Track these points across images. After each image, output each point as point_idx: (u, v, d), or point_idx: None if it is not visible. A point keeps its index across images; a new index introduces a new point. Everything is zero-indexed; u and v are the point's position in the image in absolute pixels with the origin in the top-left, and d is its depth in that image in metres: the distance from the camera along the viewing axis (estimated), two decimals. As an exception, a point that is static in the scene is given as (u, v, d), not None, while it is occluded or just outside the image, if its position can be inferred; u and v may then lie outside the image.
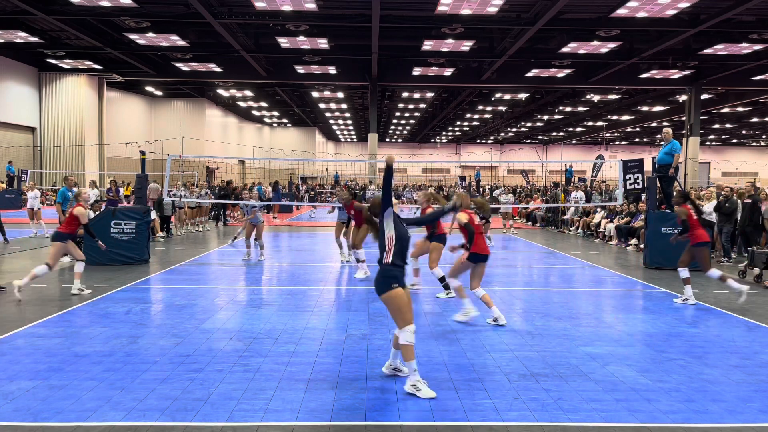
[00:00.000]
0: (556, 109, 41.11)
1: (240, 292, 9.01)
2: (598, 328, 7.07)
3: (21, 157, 29.55)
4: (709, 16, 18.38)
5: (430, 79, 27.82)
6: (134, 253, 11.43)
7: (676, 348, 6.24)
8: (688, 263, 8.55)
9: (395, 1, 18.32)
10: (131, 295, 8.57)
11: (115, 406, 4.47)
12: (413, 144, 66.68)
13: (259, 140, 51.29)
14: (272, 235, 18.34)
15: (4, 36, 22.98)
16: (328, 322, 7.20)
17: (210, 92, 38.27)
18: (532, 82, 28.11)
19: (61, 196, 12.62)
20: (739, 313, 7.94)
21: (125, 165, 33.33)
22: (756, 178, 54.57)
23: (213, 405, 4.54)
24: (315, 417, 4.35)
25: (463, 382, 5.12)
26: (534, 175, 60.01)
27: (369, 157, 29.45)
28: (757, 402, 4.77)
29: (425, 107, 41.55)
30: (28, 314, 7.34)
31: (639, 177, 12.94)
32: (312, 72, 27.62)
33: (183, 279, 10.09)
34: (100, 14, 19.51)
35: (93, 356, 5.67)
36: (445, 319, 7.40)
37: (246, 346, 6.08)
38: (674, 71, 26.26)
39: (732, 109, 38.65)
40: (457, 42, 21.90)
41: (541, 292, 9.36)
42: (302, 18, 19.30)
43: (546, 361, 5.73)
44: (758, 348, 6.31)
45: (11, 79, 28.18)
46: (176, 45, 23.27)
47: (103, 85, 31.86)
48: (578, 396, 4.83)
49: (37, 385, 4.88)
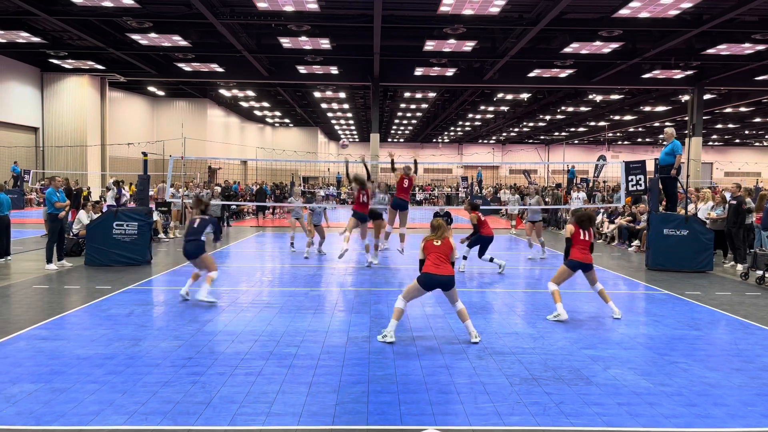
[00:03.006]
0: (558, 110, 41.06)
1: (241, 294, 9.02)
2: (600, 330, 7.07)
3: (24, 157, 29.60)
4: (712, 17, 18.34)
5: (432, 79, 27.81)
6: (136, 254, 11.45)
7: (678, 351, 6.23)
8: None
9: (397, 2, 18.31)
10: (133, 297, 8.58)
11: (117, 410, 4.48)
12: (415, 144, 66.65)
13: (261, 140, 51.31)
14: (273, 236, 18.35)
15: (6, 36, 23.02)
16: (330, 324, 7.20)
17: (212, 92, 38.29)
18: (535, 82, 28.08)
19: (48, 197, 11.24)
20: (742, 315, 7.92)
21: (127, 165, 33.35)
22: (759, 178, 54.53)
23: (215, 408, 4.54)
24: (317, 420, 4.36)
25: (464, 385, 5.12)
26: (536, 175, 59.99)
27: (371, 158, 29.45)
28: (759, 406, 4.76)
29: (427, 107, 41.53)
30: (31, 316, 7.35)
31: (641, 178, 12.91)
32: (314, 72, 27.63)
33: (185, 280, 10.07)
34: (102, 15, 19.53)
35: (95, 359, 5.68)
36: (446, 319, 7.39)
37: (248, 349, 6.08)
38: (677, 71, 26.21)
39: (735, 110, 38.57)
40: (459, 42, 21.88)
41: (543, 294, 9.34)
42: (304, 18, 19.30)
43: (547, 364, 5.72)
44: (760, 351, 6.29)
45: (14, 79, 28.22)
46: (178, 45, 23.30)
47: (106, 85, 31.90)
48: (580, 400, 4.82)
49: (39, 388, 4.89)
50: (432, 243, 6.58)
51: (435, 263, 6.45)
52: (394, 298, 8.64)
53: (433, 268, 6.43)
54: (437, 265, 6.44)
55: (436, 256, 6.49)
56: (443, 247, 6.55)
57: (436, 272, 6.41)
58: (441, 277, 6.41)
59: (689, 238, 11.54)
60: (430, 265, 6.47)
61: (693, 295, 9.21)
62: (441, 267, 6.44)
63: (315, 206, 13.49)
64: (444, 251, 6.52)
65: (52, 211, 11.04)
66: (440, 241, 6.58)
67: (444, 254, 6.51)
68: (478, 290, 9.65)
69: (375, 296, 8.95)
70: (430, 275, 6.41)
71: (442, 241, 6.58)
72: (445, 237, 6.62)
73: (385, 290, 9.47)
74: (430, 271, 6.43)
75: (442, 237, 6.61)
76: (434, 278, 6.41)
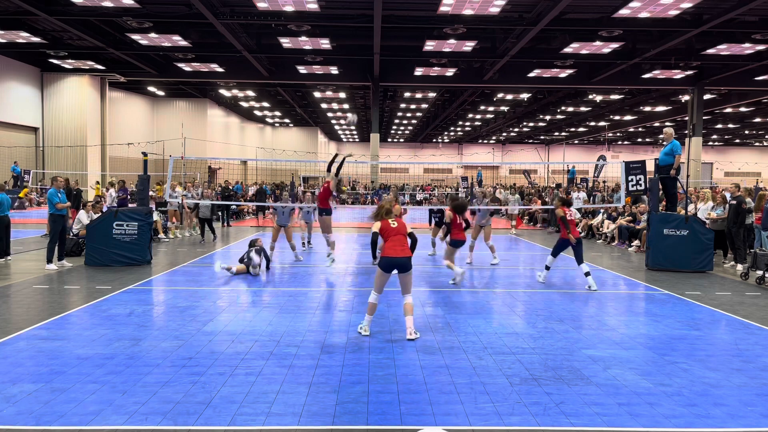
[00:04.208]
0: (558, 110, 41.08)
1: (242, 294, 9.02)
2: (600, 330, 7.06)
3: (24, 157, 29.60)
4: (712, 17, 18.36)
5: (432, 79, 27.82)
6: (136, 254, 11.45)
7: (678, 351, 6.23)
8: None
9: (397, 2, 18.32)
10: (133, 297, 8.58)
11: (117, 410, 4.48)
12: (415, 144, 66.67)
13: (261, 140, 51.32)
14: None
15: (6, 36, 23.03)
16: (330, 324, 7.20)
17: (212, 92, 38.31)
18: (535, 82, 28.10)
19: (49, 198, 11.15)
20: (742, 316, 7.92)
21: (128, 165, 33.36)
22: (759, 178, 54.49)
23: (215, 408, 4.54)
24: (317, 420, 4.36)
25: (464, 385, 5.12)
26: (536, 175, 60.00)
27: (371, 158, 29.46)
28: (759, 406, 4.76)
29: (427, 107, 41.54)
30: (31, 316, 7.35)
31: (641, 178, 12.91)
32: (314, 72, 27.64)
33: (185, 280, 10.10)
34: (102, 15, 19.54)
35: (95, 359, 5.68)
36: (446, 319, 7.39)
37: (248, 349, 6.08)
38: (677, 71, 26.23)
39: (735, 110, 38.58)
40: (459, 42, 21.89)
41: (543, 294, 9.35)
42: (304, 18, 19.31)
43: (547, 364, 5.72)
44: (760, 351, 6.29)
45: (14, 79, 28.22)
46: (178, 45, 23.31)
47: (106, 85, 31.90)
48: (580, 400, 4.82)
49: (39, 388, 4.89)
50: (389, 224, 6.76)
51: (394, 245, 6.62)
52: (393, 298, 8.66)
53: (391, 252, 6.59)
54: (395, 248, 6.60)
55: (395, 238, 6.67)
56: (400, 227, 6.76)
57: (394, 255, 6.57)
58: (400, 260, 6.56)
59: (689, 238, 11.54)
60: (389, 248, 6.61)
61: (693, 295, 9.21)
62: (399, 249, 6.60)
63: (279, 206, 13.25)
64: (401, 231, 6.73)
65: (53, 212, 11.05)
66: (396, 222, 6.79)
67: (402, 234, 6.71)
68: (479, 290, 9.64)
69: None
70: (390, 258, 6.57)
71: (399, 222, 6.80)
72: (398, 217, 6.87)
73: (384, 290, 9.45)
74: (389, 254, 6.58)
75: (393, 216, 6.86)
76: (393, 261, 6.57)
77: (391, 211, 6.94)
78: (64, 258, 11.48)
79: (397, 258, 6.54)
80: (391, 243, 6.63)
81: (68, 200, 12.94)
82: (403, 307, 6.75)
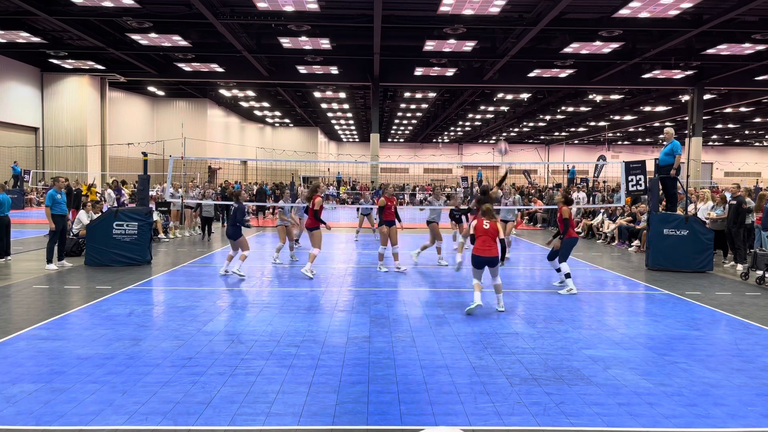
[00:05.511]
0: (558, 110, 41.08)
1: (242, 294, 9.02)
2: (600, 330, 7.06)
3: (24, 157, 29.62)
4: (712, 17, 18.35)
5: (432, 79, 27.82)
6: (136, 254, 11.45)
7: (678, 351, 6.23)
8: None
9: (397, 2, 18.32)
10: (133, 297, 8.58)
11: (117, 410, 4.48)
12: (415, 144, 66.66)
13: (261, 140, 51.32)
14: (273, 236, 18.33)
15: (6, 36, 23.03)
16: (330, 324, 7.20)
17: (212, 92, 38.32)
18: (535, 82, 28.09)
19: (50, 198, 11.08)
20: (742, 316, 7.92)
21: (128, 165, 33.37)
22: (759, 178, 54.51)
23: (215, 408, 4.54)
24: (317, 420, 4.36)
25: (465, 385, 5.12)
26: (536, 175, 59.99)
27: (371, 158, 29.46)
28: (759, 406, 4.76)
29: (427, 107, 41.54)
30: (31, 316, 7.35)
31: (641, 178, 12.90)
32: (314, 72, 27.64)
33: (185, 280, 10.10)
34: (102, 15, 19.54)
35: (95, 359, 5.68)
36: (446, 319, 7.39)
37: (248, 349, 6.08)
38: (677, 71, 26.23)
39: (735, 110, 38.58)
40: (459, 42, 21.89)
41: (543, 294, 9.35)
42: (304, 18, 19.31)
43: (547, 364, 5.72)
44: (760, 351, 6.29)
45: (14, 79, 28.23)
46: (178, 45, 23.31)
47: (106, 85, 31.92)
48: (580, 400, 4.82)
49: (39, 388, 4.89)
50: (482, 224, 7.78)
51: (482, 245, 7.71)
52: (393, 298, 8.66)
53: (479, 251, 7.72)
54: (483, 247, 7.70)
55: (483, 238, 7.71)
56: (491, 231, 7.73)
57: (482, 254, 7.69)
58: (486, 258, 7.70)
59: (689, 238, 11.54)
60: (478, 246, 7.73)
61: (693, 295, 9.21)
62: (487, 249, 7.69)
63: (288, 206, 13.18)
64: (492, 234, 7.73)
65: (55, 212, 11.08)
66: (489, 225, 7.75)
67: (491, 237, 7.71)
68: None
69: (375, 296, 8.95)
70: (477, 256, 7.73)
71: (491, 225, 7.75)
72: (493, 221, 7.82)
73: (384, 290, 9.47)
74: (477, 253, 7.73)
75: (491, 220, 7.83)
76: (480, 259, 7.72)
77: (489, 213, 7.84)
78: (64, 258, 11.48)
79: (483, 257, 7.70)
80: (480, 242, 7.73)
81: (68, 200, 12.94)
82: (494, 288, 8.01)
